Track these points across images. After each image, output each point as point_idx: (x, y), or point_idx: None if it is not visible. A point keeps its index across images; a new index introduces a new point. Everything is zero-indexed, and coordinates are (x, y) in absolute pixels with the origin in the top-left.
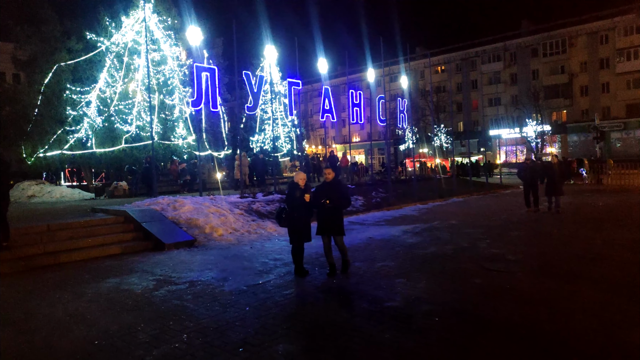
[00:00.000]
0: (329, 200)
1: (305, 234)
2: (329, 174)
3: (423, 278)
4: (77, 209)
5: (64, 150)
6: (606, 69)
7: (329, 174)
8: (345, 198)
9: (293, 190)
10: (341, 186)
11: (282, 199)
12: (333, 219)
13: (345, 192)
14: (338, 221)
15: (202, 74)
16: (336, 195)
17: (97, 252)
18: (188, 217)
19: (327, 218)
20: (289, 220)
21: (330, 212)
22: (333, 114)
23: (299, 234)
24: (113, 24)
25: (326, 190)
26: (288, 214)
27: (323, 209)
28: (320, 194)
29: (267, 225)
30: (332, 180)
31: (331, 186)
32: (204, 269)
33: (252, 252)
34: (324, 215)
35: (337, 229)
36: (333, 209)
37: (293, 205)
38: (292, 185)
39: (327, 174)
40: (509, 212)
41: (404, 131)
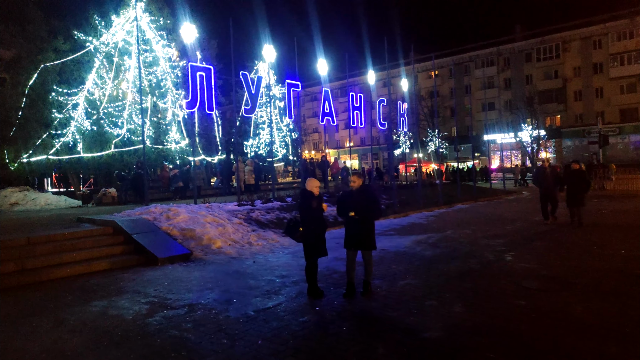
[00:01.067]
0: (355, 211)
1: (321, 249)
2: (353, 181)
3: (457, 300)
4: (62, 219)
5: (50, 155)
6: (600, 74)
7: (353, 181)
8: (376, 208)
9: (308, 199)
10: (370, 194)
11: (283, 207)
12: (363, 231)
13: (376, 200)
14: (369, 234)
15: (197, 74)
16: (364, 205)
17: (82, 269)
18: (183, 228)
19: (355, 230)
20: (304, 233)
21: (359, 224)
22: (333, 117)
23: (316, 248)
24: (103, 23)
25: (353, 199)
26: (303, 227)
27: (350, 221)
28: (346, 203)
29: (269, 235)
30: (359, 188)
31: (358, 195)
32: (203, 288)
33: (256, 268)
34: (352, 228)
35: (368, 243)
36: (363, 220)
37: (308, 216)
38: (305, 194)
39: (352, 182)
40: (522, 220)
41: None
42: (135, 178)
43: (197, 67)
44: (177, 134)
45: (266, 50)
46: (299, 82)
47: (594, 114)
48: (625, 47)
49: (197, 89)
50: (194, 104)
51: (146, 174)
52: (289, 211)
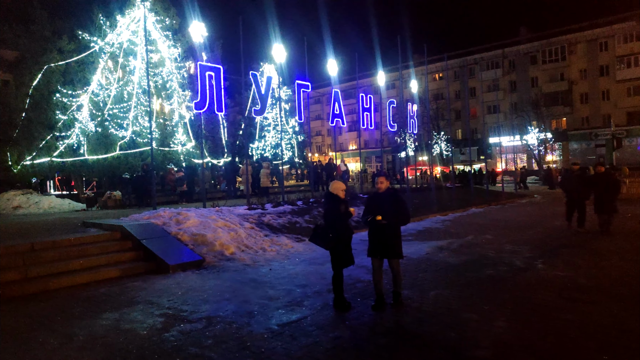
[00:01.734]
0: (381, 215)
1: (349, 257)
2: (381, 182)
3: (498, 313)
4: (66, 223)
5: (54, 158)
6: (606, 76)
7: (381, 182)
8: (404, 213)
9: (335, 203)
10: (397, 198)
11: (294, 211)
12: (389, 238)
13: (403, 204)
14: (395, 241)
15: (206, 73)
16: (392, 209)
17: (89, 277)
18: (194, 233)
19: (381, 237)
20: (333, 240)
21: (384, 230)
22: (343, 118)
23: (344, 257)
24: (107, 23)
25: (378, 203)
26: (332, 233)
27: (375, 226)
28: (371, 207)
29: (282, 241)
30: (385, 191)
31: (384, 198)
32: (220, 298)
33: (273, 276)
34: (377, 234)
35: (394, 251)
36: (388, 226)
37: (336, 222)
38: (331, 197)
39: (380, 183)
40: (543, 225)
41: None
42: (136, 181)
43: (206, 66)
44: (184, 135)
45: (276, 49)
46: (308, 82)
47: (601, 117)
48: (632, 49)
49: (206, 89)
50: (203, 105)
51: (153, 177)
52: (301, 215)
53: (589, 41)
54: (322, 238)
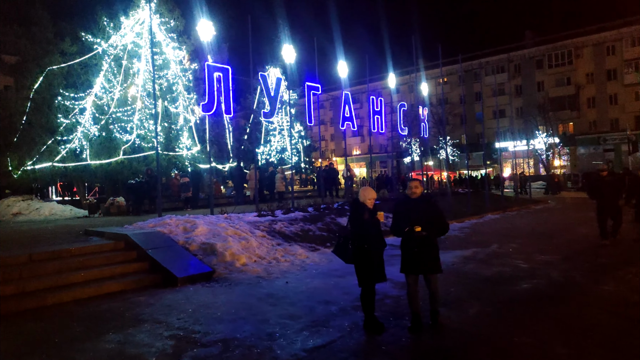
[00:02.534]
0: (419, 226)
1: (380, 272)
2: (415, 187)
3: (553, 337)
4: (67, 231)
5: (55, 163)
6: (613, 80)
7: (415, 187)
8: (442, 222)
9: (362, 213)
10: (434, 205)
11: (306, 218)
12: (426, 251)
13: (441, 212)
14: (434, 254)
15: (214, 74)
16: (429, 218)
17: (92, 291)
18: (203, 242)
19: (417, 251)
20: (359, 254)
21: (421, 242)
22: (354, 121)
23: (373, 272)
24: (111, 25)
25: (412, 210)
26: (356, 247)
27: (411, 238)
28: (403, 215)
29: (296, 250)
30: (420, 197)
31: (419, 205)
32: (235, 317)
33: (291, 290)
34: (412, 247)
35: (432, 266)
36: (426, 237)
37: (364, 233)
38: (357, 206)
39: (414, 188)
40: (569, 233)
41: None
42: (135, 186)
43: (214, 67)
44: (189, 140)
45: (285, 50)
46: (319, 84)
47: (608, 121)
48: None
49: (214, 91)
50: (211, 107)
51: (159, 182)
52: (314, 222)
53: (595, 45)
54: (341, 251)
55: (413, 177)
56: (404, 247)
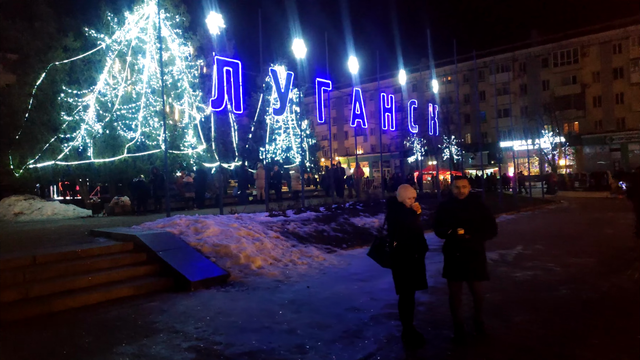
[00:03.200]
0: (464, 228)
1: (421, 278)
2: (463, 187)
3: (615, 351)
4: (72, 232)
5: (58, 161)
6: (620, 79)
7: (463, 187)
8: (491, 225)
9: (402, 214)
10: (482, 206)
11: (319, 218)
12: (472, 256)
13: (491, 215)
14: (480, 259)
15: (223, 69)
16: (477, 220)
17: (100, 296)
18: (215, 243)
19: (463, 255)
20: (398, 258)
21: (467, 247)
22: (364, 119)
23: (414, 278)
24: (115, 20)
25: (458, 212)
26: (395, 250)
27: (455, 242)
28: (448, 217)
29: (312, 252)
30: (466, 198)
31: (466, 206)
32: (258, 326)
33: (314, 296)
34: (457, 251)
35: (478, 272)
36: (473, 241)
37: (404, 235)
38: (396, 205)
39: (462, 187)
40: (592, 233)
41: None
42: (136, 185)
43: (224, 61)
44: (194, 138)
45: (296, 45)
46: (329, 80)
47: (615, 120)
48: None
49: (223, 86)
50: (221, 103)
51: (165, 181)
52: (327, 223)
53: (602, 43)
54: (377, 255)
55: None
56: (448, 251)
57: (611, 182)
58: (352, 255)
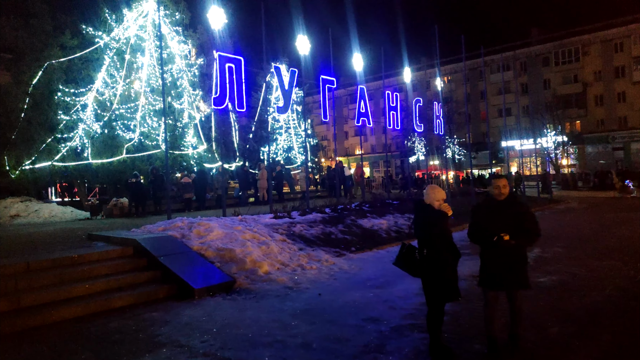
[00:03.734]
0: (507, 233)
1: (454, 288)
2: (503, 187)
3: None
4: (69, 235)
5: (55, 162)
6: (622, 77)
7: (503, 187)
8: (534, 229)
9: (432, 217)
10: (525, 209)
11: (325, 220)
12: (514, 263)
13: (534, 217)
14: (522, 266)
15: (226, 65)
16: (518, 225)
17: (98, 305)
18: (219, 247)
19: (502, 262)
20: (430, 267)
21: (507, 253)
22: (369, 117)
23: (446, 288)
24: (113, 17)
25: (497, 215)
26: (427, 257)
27: (494, 248)
28: (485, 220)
29: (320, 255)
30: (507, 199)
31: (506, 209)
32: (270, 339)
33: (327, 304)
34: (497, 257)
35: (519, 280)
36: (515, 247)
37: (434, 241)
38: (424, 209)
39: (502, 187)
40: (609, 234)
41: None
42: (133, 187)
43: (226, 57)
44: (194, 138)
45: (300, 41)
46: (334, 78)
47: (616, 119)
48: None
49: (226, 83)
50: (223, 100)
51: (167, 182)
52: (334, 225)
53: (603, 42)
54: (405, 262)
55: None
56: (485, 258)
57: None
58: (362, 259)
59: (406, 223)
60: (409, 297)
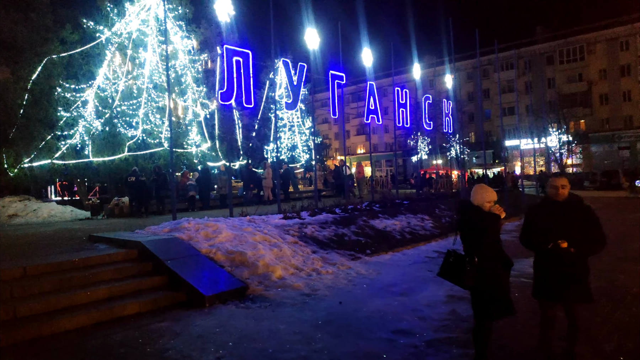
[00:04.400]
0: (566, 240)
1: (507, 303)
2: (563, 187)
3: None
4: (69, 236)
5: (54, 160)
6: (627, 76)
7: (563, 187)
8: (599, 235)
9: (482, 221)
10: (589, 212)
11: (337, 220)
12: (574, 273)
13: (598, 222)
14: (584, 277)
15: (233, 59)
16: (581, 230)
17: (100, 315)
18: (229, 250)
19: (561, 271)
20: (482, 278)
21: (567, 262)
22: (379, 115)
23: (498, 301)
24: (115, 11)
25: (558, 218)
26: (478, 267)
27: (552, 255)
28: (542, 224)
29: (335, 259)
30: (567, 200)
31: (567, 212)
32: (294, 355)
33: (350, 314)
34: (554, 267)
35: (581, 292)
36: (576, 255)
37: (486, 248)
38: (472, 211)
39: (561, 187)
40: (632, 235)
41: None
42: (134, 184)
43: (233, 50)
44: (198, 136)
45: (309, 35)
46: (343, 73)
47: (622, 118)
48: None
49: (233, 77)
50: (230, 96)
51: (172, 181)
52: (346, 226)
53: (608, 40)
54: (451, 272)
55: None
56: (541, 266)
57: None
58: (379, 263)
59: (419, 224)
60: (437, 306)
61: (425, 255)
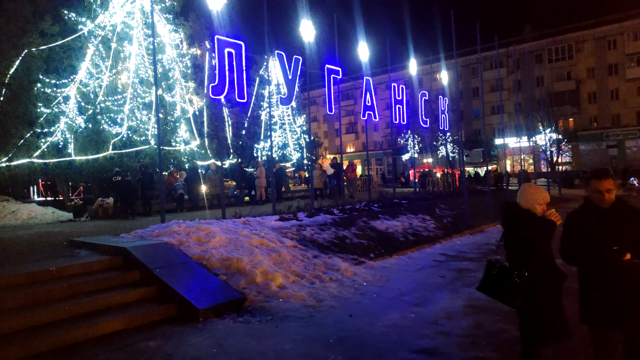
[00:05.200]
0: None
1: (560, 324)
2: (608, 191)
3: None
4: (48, 241)
5: (34, 158)
6: (615, 75)
7: (608, 191)
8: None
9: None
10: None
11: (336, 222)
12: (633, 292)
13: None
14: None
15: (225, 50)
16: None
17: (80, 333)
18: (224, 256)
19: (617, 290)
20: (533, 295)
21: (624, 278)
22: (375, 112)
23: (555, 324)
24: (98, 2)
25: (604, 227)
26: (528, 282)
27: (604, 269)
28: (590, 234)
29: (338, 264)
30: (615, 206)
31: (617, 218)
32: None
33: (363, 329)
34: (607, 284)
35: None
36: (635, 269)
37: (538, 260)
38: (518, 215)
39: (606, 192)
40: None
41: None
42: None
43: (225, 41)
44: (187, 133)
45: (304, 26)
46: (339, 67)
47: (610, 117)
48: None
49: (225, 70)
50: (222, 89)
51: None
52: (347, 227)
53: (596, 39)
54: (493, 286)
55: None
56: (589, 284)
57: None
58: (384, 268)
59: (421, 225)
60: (458, 318)
61: (432, 258)
